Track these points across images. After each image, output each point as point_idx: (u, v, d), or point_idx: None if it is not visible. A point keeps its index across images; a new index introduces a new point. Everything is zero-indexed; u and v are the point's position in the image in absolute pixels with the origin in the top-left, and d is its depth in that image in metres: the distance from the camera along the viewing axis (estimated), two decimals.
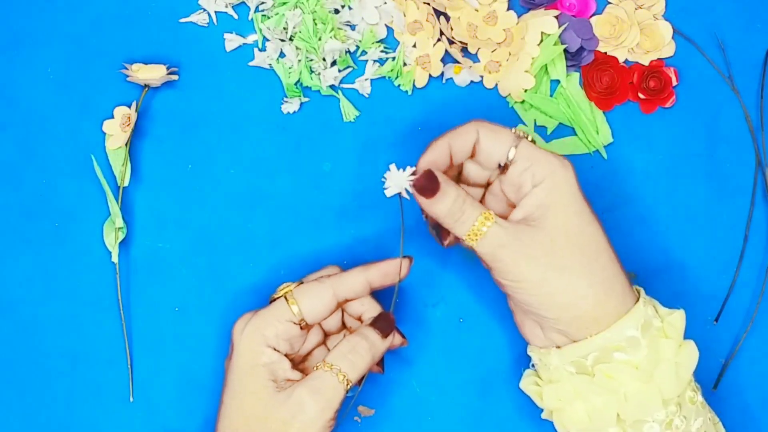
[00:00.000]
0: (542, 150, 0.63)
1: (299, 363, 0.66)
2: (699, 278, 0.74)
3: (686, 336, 0.71)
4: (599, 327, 0.62)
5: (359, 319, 0.66)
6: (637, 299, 0.63)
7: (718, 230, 0.74)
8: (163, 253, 0.73)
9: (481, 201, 0.66)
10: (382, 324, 0.64)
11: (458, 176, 0.67)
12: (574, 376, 0.63)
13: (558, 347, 0.63)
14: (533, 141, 0.64)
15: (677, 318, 0.63)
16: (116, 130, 0.73)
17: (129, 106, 0.73)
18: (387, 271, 0.64)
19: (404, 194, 0.61)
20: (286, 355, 0.64)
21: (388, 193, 0.60)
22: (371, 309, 0.66)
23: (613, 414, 0.62)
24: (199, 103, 0.75)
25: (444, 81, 0.74)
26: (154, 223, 0.74)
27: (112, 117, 0.73)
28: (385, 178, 0.61)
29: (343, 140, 0.74)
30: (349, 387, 0.63)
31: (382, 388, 0.72)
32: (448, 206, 0.62)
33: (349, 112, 0.74)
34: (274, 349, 0.63)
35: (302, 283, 0.65)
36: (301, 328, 0.65)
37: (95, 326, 0.73)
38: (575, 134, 0.75)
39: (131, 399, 0.72)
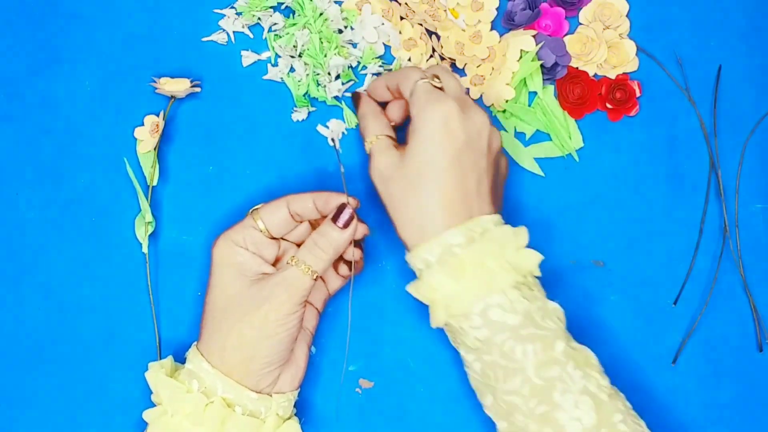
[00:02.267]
0: (424, 91, 0.67)
1: None
2: (660, 266, 0.76)
3: (648, 318, 0.75)
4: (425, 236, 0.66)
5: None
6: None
7: (677, 224, 0.77)
8: (188, 245, 0.76)
9: None
10: (341, 216, 0.68)
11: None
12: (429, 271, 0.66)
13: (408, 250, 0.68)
14: (437, 80, 0.68)
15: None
16: (146, 136, 0.75)
17: (157, 115, 0.75)
18: (328, 200, 0.69)
19: (336, 144, 0.69)
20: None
21: (321, 130, 0.70)
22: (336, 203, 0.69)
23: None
24: (219, 112, 0.77)
25: None
26: (180, 217, 0.76)
27: (143, 124, 0.75)
28: (328, 125, 0.69)
29: (345, 144, 0.77)
30: (315, 277, 0.67)
31: (381, 363, 0.75)
32: (360, 114, 0.72)
33: (350, 119, 0.76)
34: (246, 249, 0.68)
35: None
36: (272, 238, 0.69)
37: (128, 308, 0.75)
38: (551, 139, 0.77)
39: None
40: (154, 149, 0.75)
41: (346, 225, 0.68)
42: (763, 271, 0.77)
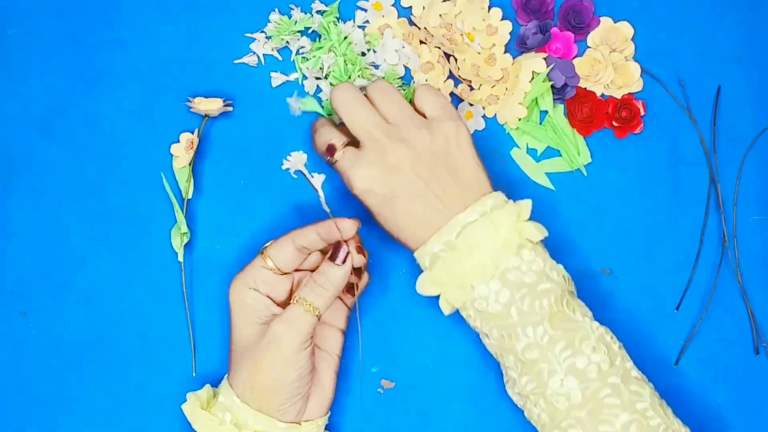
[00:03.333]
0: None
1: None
2: (663, 274, 0.77)
3: (651, 323, 0.76)
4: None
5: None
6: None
7: (679, 234, 0.78)
8: (221, 254, 0.77)
9: None
10: (337, 253, 0.69)
11: None
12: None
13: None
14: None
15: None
16: (181, 152, 0.76)
17: (192, 132, 0.77)
18: (330, 228, 0.69)
19: (302, 170, 0.70)
20: (272, 300, 0.70)
21: (285, 165, 0.71)
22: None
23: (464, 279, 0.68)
24: (250, 129, 0.78)
25: None
26: (213, 228, 0.78)
27: (178, 141, 0.76)
28: (289, 158, 0.70)
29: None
30: (318, 314, 0.68)
31: (401, 365, 0.76)
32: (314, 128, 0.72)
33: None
34: (256, 290, 0.69)
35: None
36: (283, 274, 0.71)
37: (164, 314, 0.77)
38: (561, 155, 0.78)
39: (194, 374, 0.76)
40: (189, 164, 0.77)
41: (342, 261, 0.69)
42: (760, 279, 0.78)
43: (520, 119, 0.78)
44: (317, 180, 0.71)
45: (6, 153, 0.79)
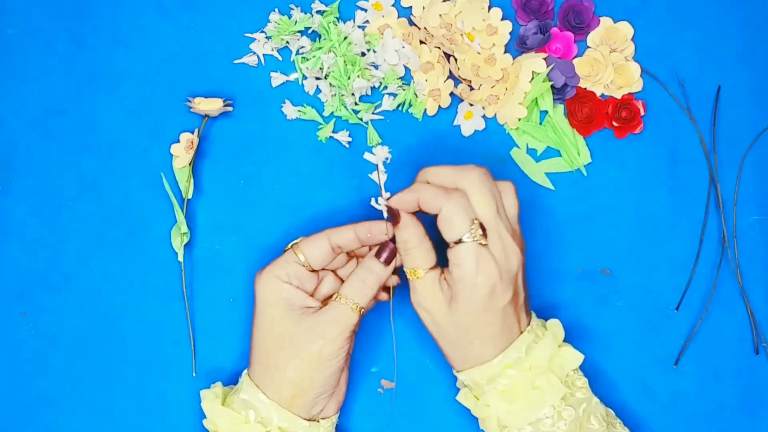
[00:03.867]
0: (470, 258, 0.64)
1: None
2: (663, 274, 0.78)
3: (651, 323, 0.76)
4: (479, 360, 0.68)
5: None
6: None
7: (679, 234, 0.78)
8: (220, 254, 0.78)
9: None
10: (384, 253, 0.69)
11: None
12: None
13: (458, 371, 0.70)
14: (484, 238, 0.65)
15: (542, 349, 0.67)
16: (181, 152, 0.76)
17: (192, 132, 0.77)
18: (371, 229, 0.69)
19: (380, 169, 0.68)
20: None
21: (368, 157, 0.67)
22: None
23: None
24: (250, 129, 0.78)
25: (454, 123, 0.78)
26: (213, 228, 0.78)
27: (178, 141, 0.77)
28: (374, 152, 0.68)
29: (368, 160, 0.77)
30: (362, 312, 0.68)
31: (402, 365, 0.76)
32: (402, 239, 0.68)
33: (373, 137, 0.78)
34: (290, 284, 0.69)
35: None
36: (312, 271, 0.70)
37: (164, 314, 0.77)
38: (561, 155, 0.78)
39: (194, 374, 0.77)
40: (189, 164, 0.77)
41: (388, 261, 0.69)
42: (759, 279, 0.78)
43: (520, 119, 0.78)
44: (383, 178, 0.69)
45: (6, 153, 0.79)
